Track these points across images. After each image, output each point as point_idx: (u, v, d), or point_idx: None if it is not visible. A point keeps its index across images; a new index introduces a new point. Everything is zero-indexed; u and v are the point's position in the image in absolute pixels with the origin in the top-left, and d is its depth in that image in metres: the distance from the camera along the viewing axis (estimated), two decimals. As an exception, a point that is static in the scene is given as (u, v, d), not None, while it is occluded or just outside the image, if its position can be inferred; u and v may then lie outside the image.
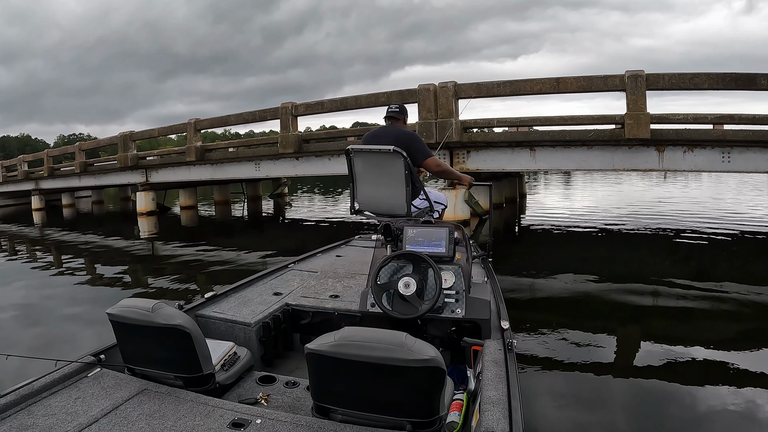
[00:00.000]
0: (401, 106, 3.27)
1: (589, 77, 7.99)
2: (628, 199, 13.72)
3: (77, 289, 5.89)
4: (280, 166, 11.43)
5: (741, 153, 7.50)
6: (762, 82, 7.14)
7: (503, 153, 8.97)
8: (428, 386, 1.50)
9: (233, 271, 6.47)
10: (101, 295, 5.54)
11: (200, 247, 8.42)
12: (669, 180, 18.56)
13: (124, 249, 8.82)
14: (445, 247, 2.38)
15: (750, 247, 7.50)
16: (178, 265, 7.05)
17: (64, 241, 10.23)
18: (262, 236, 10.42)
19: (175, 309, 1.91)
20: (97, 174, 15.65)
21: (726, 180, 18.72)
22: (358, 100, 9.77)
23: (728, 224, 8.84)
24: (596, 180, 21.62)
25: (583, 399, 2.81)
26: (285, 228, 11.75)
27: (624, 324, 4.19)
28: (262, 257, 7.28)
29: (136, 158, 13.85)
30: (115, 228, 12.19)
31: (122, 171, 14.26)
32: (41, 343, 3.96)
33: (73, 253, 8.82)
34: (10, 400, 1.63)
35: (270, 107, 11.04)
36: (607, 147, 8.19)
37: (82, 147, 15.99)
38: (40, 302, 5.38)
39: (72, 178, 16.38)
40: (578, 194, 17.00)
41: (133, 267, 7.43)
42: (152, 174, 13.89)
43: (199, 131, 12.42)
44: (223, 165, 12.54)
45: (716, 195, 14.64)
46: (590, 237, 8.60)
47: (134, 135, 14.07)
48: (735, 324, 4.03)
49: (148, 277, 6.54)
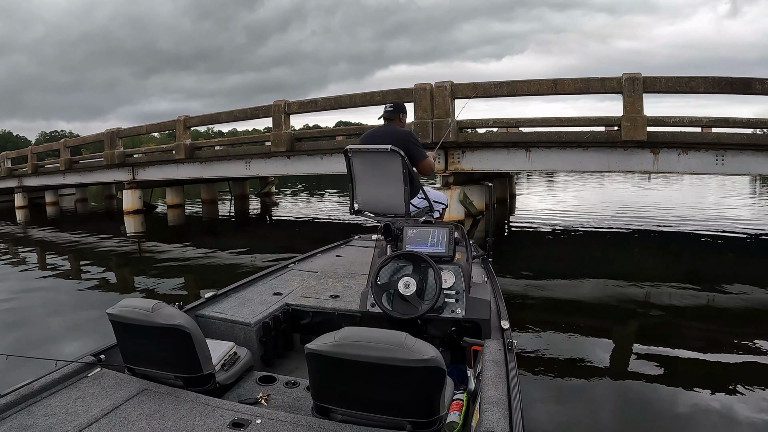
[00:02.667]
0: (396, 105, 3.26)
1: (586, 79, 8.09)
2: (612, 199, 14.10)
3: (67, 291, 5.86)
4: (271, 164, 11.40)
5: (734, 156, 7.66)
6: (757, 86, 7.29)
7: (499, 153, 9.04)
8: (428, 386, 1.51)
9: (224, 271, 6.46)
10: (93, 298, 5.49)
11: (188, 248, 8.39)
12: (653, 181, 19.05)
13: (111, 248, 8.74)
14: (445, 247, 2.40)
15: (738, 246, 7.77)
16: (167, 266, 7.02)
17: (51, 241, 10.12)
18: (250, 236, 10.37)
19: (175, 309, 1.93)
20: (82, 171, 15.49)
21: (708, 182, 19.24)
22: (353, 99, 9.77)
23: (713, 224, 9.22)
24: (579, 180, 21.96)
25: (583, 399, 2.86)
26: (272, 227, 11.75)
27: (621, 323, 4.27)
28: (252, 257, 7.28)
29: (123, 155, 13.73)
30: (101, 227, 12.07)
31: (108, 168, 14.13)
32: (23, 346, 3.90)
33: (60, 252, 8.73)
34: (10, 400, 1.64)
35: (262, 105, 10.99)
36: (603, 149, 8.30)
37: (68, 144, 15.82)
38: (25, 304, 5.31)
39: (57, 175, 16.20)
40: (563, 195, 17.26)
41: (122, 267, 7.39)
42: (139, 172, 13.78)
43: (188, 128, 12.34)
44: (213, 163, 12.48)
45: (699, 196, 15.20)
46: (579, 237, 8.79)
47: (121, 132, 13.93)
48: (731, 322, 4.12)
49: (137, 278, 6.50)
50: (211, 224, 12.80)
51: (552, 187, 20.17)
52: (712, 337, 3.81)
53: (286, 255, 6.46)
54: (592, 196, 16.13)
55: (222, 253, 7.78)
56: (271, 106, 10.62)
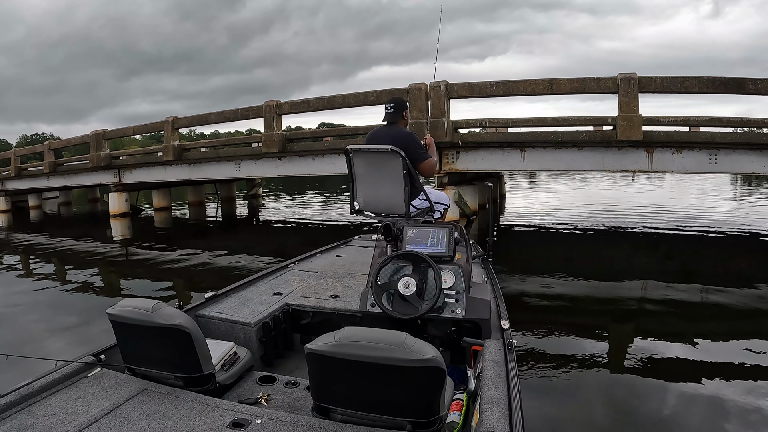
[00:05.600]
0: (397, 104, 3.23)
1: (582, 79, 8.20)
2: (597, 199, 14.42)
3: (56, 296, 5.82)
4: (262, 166, 11.38)
5: (727, 155, 7.83)
6: (750, 86, 7.46)
7: (493, 153, 9.12)
8: (428, 386, 1.53)
9: (216, 274, 6.47)
10: (83, 303, 5.47)
11: (176, 251, 8.35)
12: (636, 180, 19.57)
13: (99, 252, 8.68)
14: (445, 247, 2.43)
15: (722, 243, 8.07)
16: (157, 270, 7.00)
17: (36, 245, 10.01)
18: (238, 239, 10.37)
19: (175, 309, 1.95)
20: (67, 174, 15.34)
21: (689, 180, 19.75)
22: (347, 99, 9.80)
23: (697, 223, 9.63)
24: (560, 179, 22.33)
25: (583, 398, 2.90)
26: (259, 230, 11.76)
27: (620, 322, 4.36)
28: (242, 260, 7.29)
29: (110, 158, 13.63)
30: (87, 230, 11.98)
31: (94, 171, 14.00)
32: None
33: (46, 257, 8.63)
34: (10, 400, 1.65)
35: (253, 105, 10.99)
36: (598, 148, 8.41)
37: (52, 146, 15.65)
38: (11, 311, 5.28)
39: (40, 178, 16.03)
40: (548, 194, 17.53)
41: (111, 271, 7.35)
42: (125, 174, 13.68)
43: (177, 130, 12.30)
44: (201, 165, 12.44)
45: (682, 195, 15.74)
46: (569, 236, 8.99)
47: (107, 133, 13.83)
48: (725, 320, 4.21)
49: (126, 282, 6.50)
50: (198, 227, 12.74)
51: (535, 188, 20.45)
52: (711, 334, 3.89)
53: (275, 259, 6.51)
54: (577, 195, 16.44)
55: (210, 256, 7.78)
56: (262, 106, 10.62)
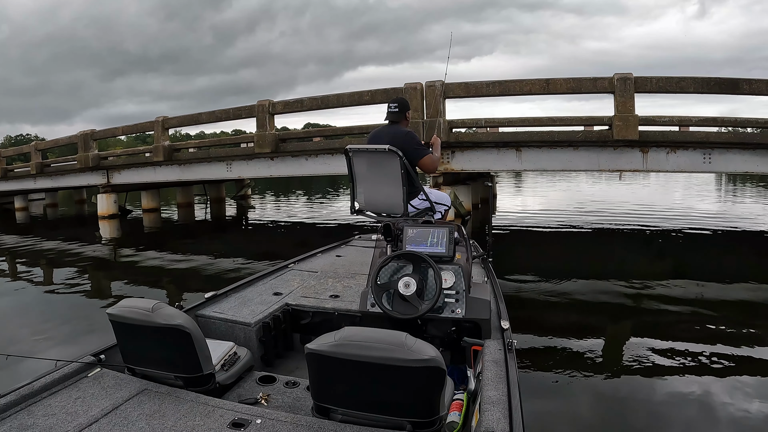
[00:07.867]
0: (401, 104, 3.25)
1: (578, 79, 8.29)
2: (585, 198, 14.67)
3: (47, 299, 5.80)
4: (254, 166, 11.36)
5: (721, 154, 7.96)
6: (744, 86, 7.60)
7: (489, 153, 9.18)
8: (428, 386, 1.55)
9: (209, 276, 6.46)
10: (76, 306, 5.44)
11: (167, 253, 8.35)
12: (624, 179, 19.92)
13: (89, 254, 8.63)
14: (445, 247, 2.46)
15: (711, 241, 8.28)
16: (148, 272, 6.98)
17: (25, 248, 9.91)
18: (228, 240, 10.32)
19: (175, 309, 1.96)
20: (54, 175, 15.19)
21: (676, 178, 20.09)
22: (341, 99, 9.81)
23: (685, 221, 9.84)
24: (546, 179, 22.58)
25: (583, 398, 2.94)
26: (249, 232, 11.73)
27: (619, 321, 4.42)
28: (232, 262, 7.28)
29: (98, 158, 13.53)
30: (76, 232, 11.87)
31: (82, 172, 13.88)
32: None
33: (35, 260, 8.55)
34: (10, 400, 1.66)
35: (245, 105, 10.97)
36: (593, 148, 8.51)
37: (39, 147, 15.50)
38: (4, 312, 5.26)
39: (27, 179, 15.86)
40: (536, 194, 17.73)
41: (102, 274, 7.31)
42: (114, 175, 13.58)
43: (167, 130, 12.24)
44: (192, 165, 12.39)
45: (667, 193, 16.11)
46: (562, 235, 9.12)
47: (96, 134, 13.71)
48: (721, 313, 4.31)
49: (118, 284, 6.47)
50: (187, 228, 12.67)
51: (521, 188, 20.65)
52: (708, 330, 3.97)
53: (266, 261, 6.58)
54: (565, 194, 16.63)
55: (201, 257, 7.78)
56: (255, 105, 10.60)
